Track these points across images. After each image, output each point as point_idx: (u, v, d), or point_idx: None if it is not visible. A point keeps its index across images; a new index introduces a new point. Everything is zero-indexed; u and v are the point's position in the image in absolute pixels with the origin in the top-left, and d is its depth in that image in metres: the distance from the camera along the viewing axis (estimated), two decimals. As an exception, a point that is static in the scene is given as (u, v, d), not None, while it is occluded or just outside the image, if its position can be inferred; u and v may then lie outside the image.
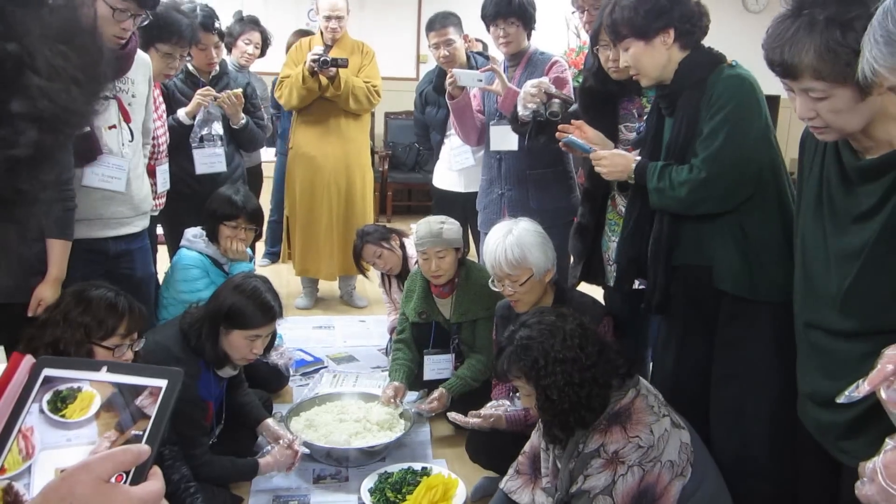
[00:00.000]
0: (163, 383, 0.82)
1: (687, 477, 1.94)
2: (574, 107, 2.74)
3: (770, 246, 2.13)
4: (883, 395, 1.33)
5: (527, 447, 2.36)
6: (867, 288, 1.57)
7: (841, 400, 1.39)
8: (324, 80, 4.12)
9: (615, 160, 2.31)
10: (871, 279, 1.56)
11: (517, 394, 2.39)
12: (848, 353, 1.60)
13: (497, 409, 2.64)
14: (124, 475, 0.74)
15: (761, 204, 2.14)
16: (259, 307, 2.48)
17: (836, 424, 1.66)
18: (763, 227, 2.14)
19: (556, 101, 2.72)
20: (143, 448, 0.75)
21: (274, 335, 2.70)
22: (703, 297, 2.22)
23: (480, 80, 3.12)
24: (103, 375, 0.84)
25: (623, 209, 2.53)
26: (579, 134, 2.44)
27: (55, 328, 2.04)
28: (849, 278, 1.59)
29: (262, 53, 4.68)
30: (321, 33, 4.36)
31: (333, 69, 4.07)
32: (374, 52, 4.44)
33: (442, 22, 3.83)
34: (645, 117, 2.51)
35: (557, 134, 2.47)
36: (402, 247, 3.69)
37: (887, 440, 1.20)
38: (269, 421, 2.81)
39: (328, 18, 4.28)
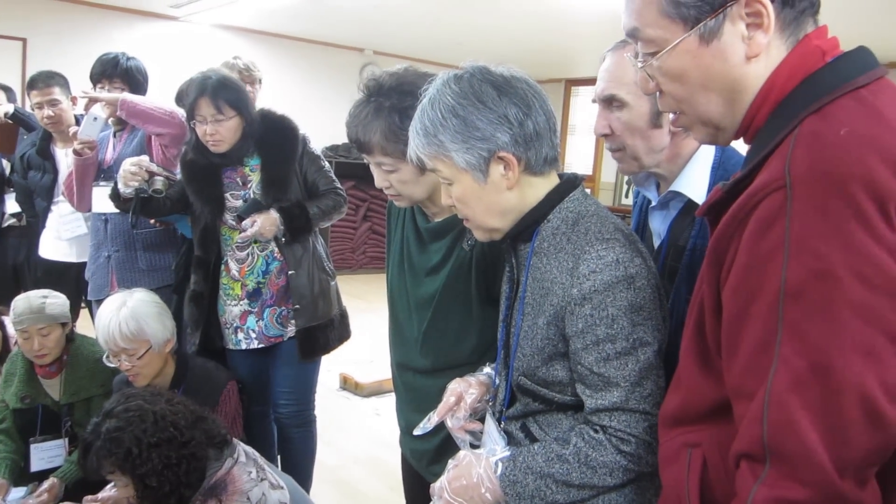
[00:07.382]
0: None
1: None
2: (179, 176, 2.76)
3: None
4: (449, 423, 1.57)
5: None
6: (437, 330, 1.83)
7: (417, 432, 1.60)
8: None
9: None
10: (440, 323, 1.82)
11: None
12: (430, 388, 1.80)
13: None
14: None
15: None
16: None
17: (427, 451, 1.88)
18: None
19: (159, 178, 2.71)
20: None
21: None
22: None
23: (96, 119, 2.96)
24: None
25: (236, 273, 2.69)
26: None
27: None
28: (425, 322, 1.84)
29: None
30: None
31: None
32: (-38, 110, 3.97)
33: (46, 81, 3.57)
34: (250, 185, 2.64)
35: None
36: (1, 326, 3.30)
37: (450, 461, 1.41)
38: None
39: None
